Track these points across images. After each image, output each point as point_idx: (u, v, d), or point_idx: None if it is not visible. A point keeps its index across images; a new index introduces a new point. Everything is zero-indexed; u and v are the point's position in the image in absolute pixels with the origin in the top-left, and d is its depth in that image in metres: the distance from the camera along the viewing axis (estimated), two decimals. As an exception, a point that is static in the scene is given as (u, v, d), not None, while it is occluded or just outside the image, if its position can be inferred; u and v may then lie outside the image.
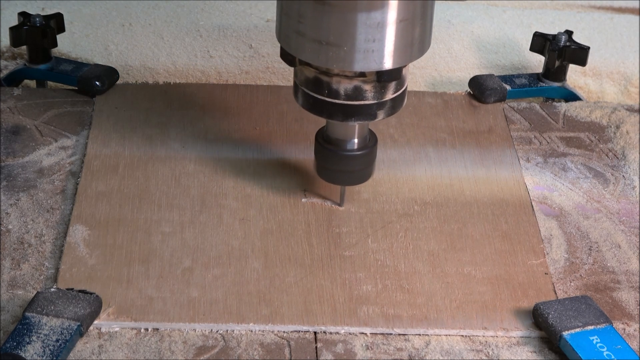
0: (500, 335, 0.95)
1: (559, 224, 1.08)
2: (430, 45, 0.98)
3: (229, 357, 0.91)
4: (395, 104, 0.99)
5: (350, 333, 0.94)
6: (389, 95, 0.97)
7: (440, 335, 0.95)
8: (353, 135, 1.02)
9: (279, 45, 0.97)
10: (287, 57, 0.97)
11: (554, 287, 1.00)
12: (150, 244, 1.02)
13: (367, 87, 0.96)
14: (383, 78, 0.95)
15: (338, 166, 1.03)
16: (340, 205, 1.07)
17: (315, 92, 0.97)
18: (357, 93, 0.96)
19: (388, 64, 0.94)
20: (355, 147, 1.03)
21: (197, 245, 1.02)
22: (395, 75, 0.95)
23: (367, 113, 0.98)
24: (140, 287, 0.97)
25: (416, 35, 0.94)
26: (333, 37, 0.91)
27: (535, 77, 1.30)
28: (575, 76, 1.37)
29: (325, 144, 1.03)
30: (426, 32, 0.96)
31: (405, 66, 0.96)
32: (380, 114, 0.98)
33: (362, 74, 0.95)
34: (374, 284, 0.99)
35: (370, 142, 1.04)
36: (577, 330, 0.93)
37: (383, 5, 0.91)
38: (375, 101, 0.97)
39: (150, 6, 1.49)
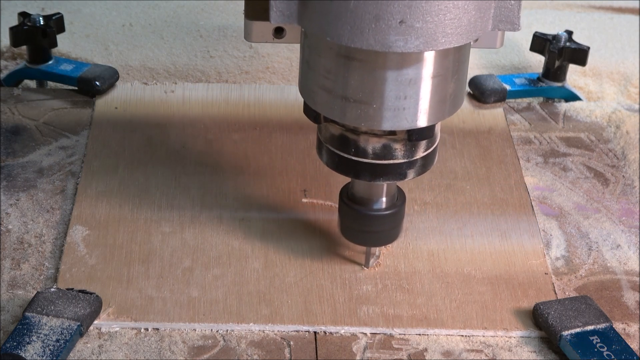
0: (500, 335, 0.95)
1: (559, 224, 1.08)
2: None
3: (229, 357, 0.91)
4: (427, 162, 0.92)
5: (350, 333, 0.94)
6: (420, 153, 0.91)
7: (440, 335, 0.95)
8: (381, 194, 0.95)
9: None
10: (310, 113, 0.90)
11: (554, 287, 1.00)
12: (150, 244, 1.01)
13: (397, 146, 0.89)
14: (414, 137, 0.88)
15: (364, 226, 0.96)
16: (366, 266, 1.00)
17: (341, 150, 0.91)
18: (386, 152, 0.89)
19: (420, 121, 0.87)
20: (383, 206, 0.95)
21: (197, 245, 1.02)
22: (427, 133, 0.88)
23: (397, 172, 0.91)
24: (140, 287, 0.97)
25: (450, 90, 0.87)
26: (362, 94, 0.85)
27: (535, 77, 1.30)
28: (575, 76, 1.37)
29: (351, 203, 0.96)
30: (461, 87, 0.89)
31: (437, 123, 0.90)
32: (410, 174, 0.91)
33: (392, 132, 0.88)
34: (374, 284, 0.99)
35: (398, 200, 0.96)
36: (577, 330, 0.93)
37: (416, 60, 0.83)
38: (405, 160, 0.90)
39: (150, 6, 1.49)
